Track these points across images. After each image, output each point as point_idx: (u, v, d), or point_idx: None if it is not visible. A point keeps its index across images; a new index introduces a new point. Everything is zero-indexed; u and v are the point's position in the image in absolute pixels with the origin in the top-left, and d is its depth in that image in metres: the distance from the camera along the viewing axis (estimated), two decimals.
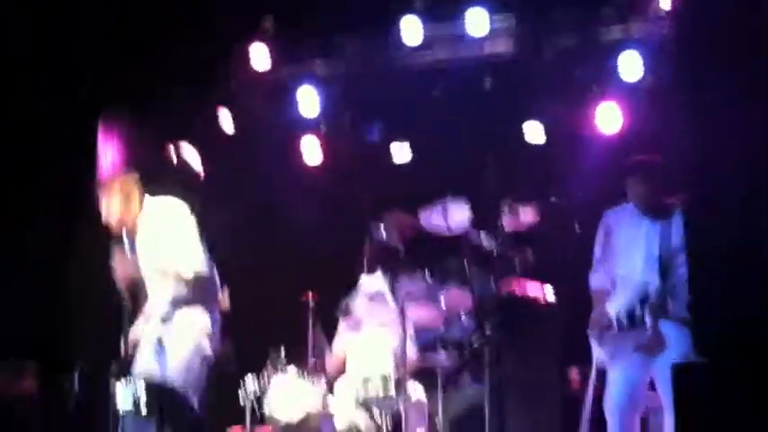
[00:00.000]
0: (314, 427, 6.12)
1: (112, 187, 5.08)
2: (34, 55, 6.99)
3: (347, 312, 6.60)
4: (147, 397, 4.92)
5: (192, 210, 5.24)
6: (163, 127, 7.38)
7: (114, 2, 7.05)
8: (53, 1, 6.87)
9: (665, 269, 5.23)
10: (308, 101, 7.92)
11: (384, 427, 5.95)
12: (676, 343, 5.05)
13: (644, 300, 5.20)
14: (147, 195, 5.18)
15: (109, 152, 7.49)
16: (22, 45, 6.87)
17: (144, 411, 4.86)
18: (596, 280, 5.51)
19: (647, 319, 5.15)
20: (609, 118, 7.28)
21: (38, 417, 6.40)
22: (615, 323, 5.25)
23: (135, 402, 4.91)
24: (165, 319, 5.30)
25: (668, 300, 5.17)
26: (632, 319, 5.21)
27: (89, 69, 7.23)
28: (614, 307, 5.30)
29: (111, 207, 5.09)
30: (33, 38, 6.94)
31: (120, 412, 5.02)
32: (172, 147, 7.04)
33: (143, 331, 5.45)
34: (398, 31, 7.48)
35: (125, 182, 5.11)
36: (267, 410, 6.21)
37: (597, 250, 5.58)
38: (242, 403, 6.28)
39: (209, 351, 5.27)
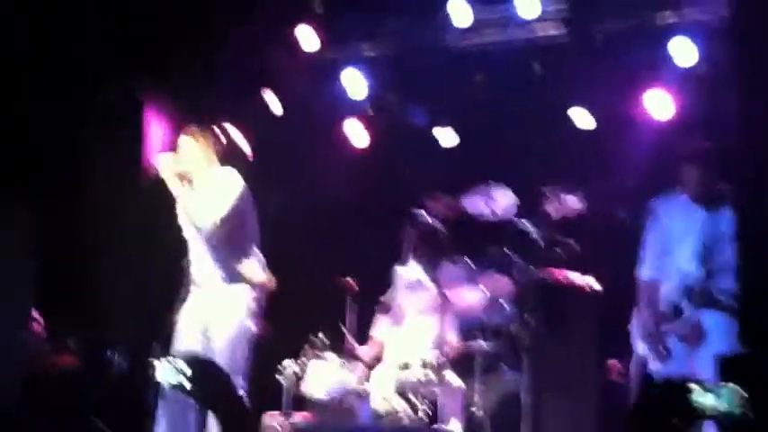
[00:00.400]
0: (351, 408, 6.13)
1: (198, 139, 5.47)
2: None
3: (386, 309, 6.60)
4: (191, 373, 4.91)
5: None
6: (209, 109, 7.44)
7: None
8: None
9: (709, 257, 5.14)
10: (355, 83, 7.90)
11: (421, 413, 5.90)
12: (720, 334, 4.92)
13: (686, 289, 5.12)
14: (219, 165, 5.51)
15: (156, 136, 7.65)
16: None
17: (187, 386, 4.88)
18: (646, 271, 5.38)
19: (688, 310, 5.08)
20: (660, 105, 7.14)
21: (78, 392, 6.47)
22: (658, 316, 5.18)
23: (177, 378, 4.92)
24: (200, 284, 5.37)
25: (711, 289, 5.06)
26: (675, 310, 5.13)
27: (131, 48, 7.27)
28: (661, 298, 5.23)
29: (187, 155, 5.44)
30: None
31: (163, 388, 5.10)
32: (218, 129, 7.04)
33: (185, 310, 5.53)
34: (446, 13, 7.42)
35: (209, 140, 5.51)
36: (304, 390, 6.23)
37: (647, 241, 5.45)
38: (282, 383, 6.31)
39: (253, 329, 5.38)
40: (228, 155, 6.75)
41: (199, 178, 5.46)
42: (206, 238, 5.39)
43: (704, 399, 3.60)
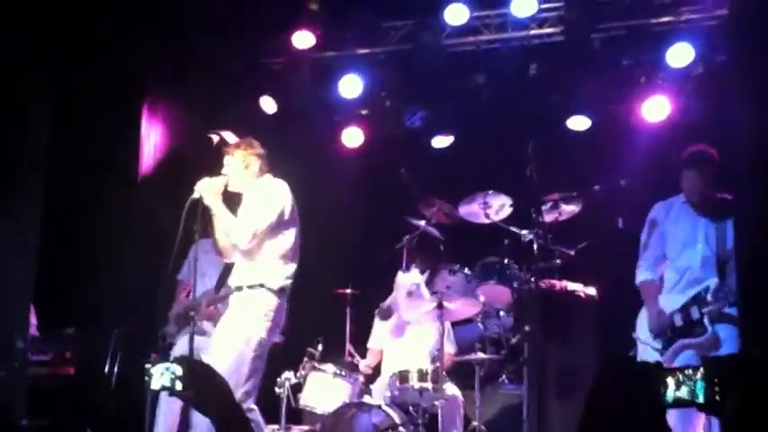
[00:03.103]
0: (349, 420, 6.08)
1: (235, 154, 5.42)
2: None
3: (387, 315, 6.55)
4: (182, 374, 4.79)
5: None
6: (205, 111, 7.41)
7: None
8: None
9: (722, 269, 5.05)
10: (351, 84, 7.84)
11: (419, 423, 5.89)
12: (730, 341, 4.87)
13: (702, 302, 5.02)
14: (266, 173, 5.45)
15: (152, 135, 7.61)
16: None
17: (178, 387, 4.76)
18: (643, 273, 5.33)
19: (706, 323, 4.98)
20: (656, 108, 7.13)
21: (77, 395, 6.45)
22: (670, 328, 5.10)
23: (169, 381, 4.83)
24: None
25: (725, 301, 4.97)
26: (689, 321, 5.04)
27: (132, 52, 7.24)
28: (667, 307, 5.14)
29: (229, 170, 5.40)
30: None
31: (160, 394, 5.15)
32: (213, 134, 7.01)
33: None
34: (443, 15, 7.38)
35: (247, 153, 5.42)
36: (302, 402, 6.21)
37: (645, 243, 5.40)
38: (278, 393, 6.29)
39: (263, 335, 5.20)
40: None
41: (245, 192, 5.43)
42: (242, 252, 5.30)
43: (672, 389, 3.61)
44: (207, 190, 5.25)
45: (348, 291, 6.74)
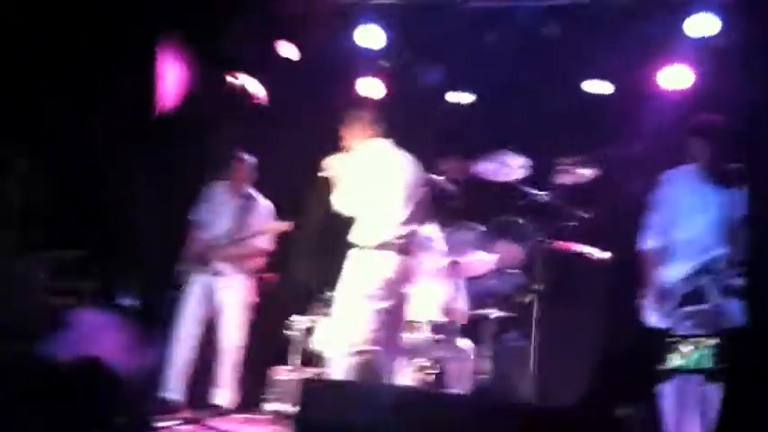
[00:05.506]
0: (359, 368, 6.10)
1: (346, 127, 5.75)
2: None
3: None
4: None
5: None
6: (224, 56, 7.38)
7: None
8: None
9: (731, 239, 5.05)
10: (369, 35, 7.80)
11: (431, 377, 5.94)
12: (736, 315, 4.91)
13: (708, 271, 5.03)
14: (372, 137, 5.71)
15: (170, 78, 7.58)
16: None
17: None
18: (648, 241, 5.34)
19: (713, 295, 4.98)
20: (675, 77, 7.13)
21: None
22: (676, 295, 5.09)
23: None
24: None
25: (735, 273, 4.98)
26: (695, 292, 5.03)
27: None
28: (674, 275, 5.14)
29: (346, 144, 5.77)
30: None
31: None
32: (231, 77, 6.99)
33: None
34: None
35: (350, 125, 5.75)
36: (316, 347, 6.27)
37: (652, 209, 5.40)
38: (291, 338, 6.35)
39: None
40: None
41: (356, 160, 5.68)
42: None
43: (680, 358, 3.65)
44: (334, 168, 5.59)
45: None
